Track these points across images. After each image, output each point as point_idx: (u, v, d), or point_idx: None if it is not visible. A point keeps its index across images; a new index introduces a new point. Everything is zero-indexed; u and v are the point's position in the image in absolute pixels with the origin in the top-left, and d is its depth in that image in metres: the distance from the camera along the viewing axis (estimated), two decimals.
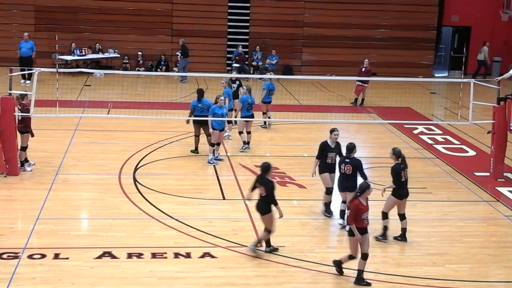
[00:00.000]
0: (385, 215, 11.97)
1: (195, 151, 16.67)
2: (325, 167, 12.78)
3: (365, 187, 10.25)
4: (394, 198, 11.84)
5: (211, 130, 15.89)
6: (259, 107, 19.57)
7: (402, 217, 11.90)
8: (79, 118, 19.22)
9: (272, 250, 11.19)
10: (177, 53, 28.04)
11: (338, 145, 12.84)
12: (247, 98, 17.29)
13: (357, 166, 12.12)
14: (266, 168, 11.09)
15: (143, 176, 14.88)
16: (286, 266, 10.77)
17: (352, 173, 12.11)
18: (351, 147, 12.17)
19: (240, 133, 17.40)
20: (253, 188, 11.19)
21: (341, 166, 12.22)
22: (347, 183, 12.11)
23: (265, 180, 11.01)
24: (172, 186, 14.38)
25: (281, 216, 11.02)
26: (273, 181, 11.11)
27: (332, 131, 12.83)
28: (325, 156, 12.73)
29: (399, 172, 11.68)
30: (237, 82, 19.19)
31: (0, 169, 14.39)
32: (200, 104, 16.36)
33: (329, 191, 12.92)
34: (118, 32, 29.32)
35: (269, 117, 19.68)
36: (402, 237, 11.95)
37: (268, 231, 11.11)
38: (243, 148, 17.19)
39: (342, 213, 12.56)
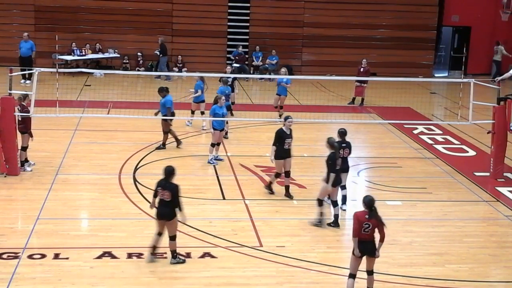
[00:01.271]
0: (320, 202, 12.48)
1: (164, 146, 16.94)
2: (282, 152, 13.70)
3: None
4: (328, 185, 12.35)
5: (211, 130, 15.89)
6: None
7: (334, 203, 12.56)
8: (79, 118, 19.22)
9: (179, 262, 10.64)
10: (155, 52, 27.99)
11: (291, 131, 13.86)
12: (224, 89, 17.57)
13: (350, 148, 13.27)
14: (170, 172, 10.52)
15: (143, 176, 14.87)
16: (286, 266, 10.78)
17: (348, 155, 13.24)
18: (345, 132, 13.21)
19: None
20: (156, 194, 10.60)
21: (339, 151, 12.86)
22: (344, 165, 12.95)
23: (170, 185, 10.46)
24: None
25: (184, 221, 10.81)
26: (178, 185, 10.54)
27: (286, 119, 13.98)
28: (282, 143, 13.67)
29: (334, 161, 12.22)
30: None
31: (0, 169, 14.40)
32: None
33: (278, 175, 13.96)
34: (118, 32, 29.31)
35: (280, 115, 20.16)
36: (335, 224, 12.47)
37: (173, 237, 10.60)
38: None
39: (344, 199, 13.38)
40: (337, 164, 12.25)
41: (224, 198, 13.89)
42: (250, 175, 15.23)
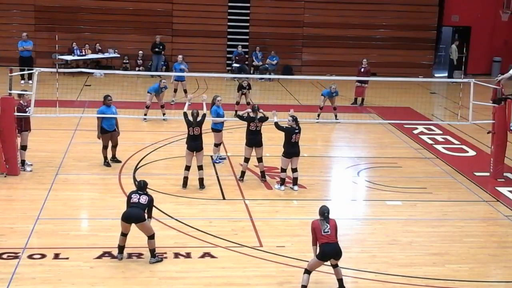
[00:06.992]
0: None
1: (108, 163, 15.56)
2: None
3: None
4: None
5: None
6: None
7: (259, 160, 14.83)
8: (79, 118, 19.21)
9: (158, 260, 10.68)
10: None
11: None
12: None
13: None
14: (146, 184, 10.89)
15: (143, 176, 14.78)
16: (286, 266, 10.78)
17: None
18: (296, 118, 14.28)
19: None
20: (130, 199, 10.83)
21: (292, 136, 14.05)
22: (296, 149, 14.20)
23: (147, 194, 10.77)
24: (172, 186, 14.38)
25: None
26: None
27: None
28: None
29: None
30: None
31: (0, 169, 14.39)
32: (109, 112, 15.40)
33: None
34: (118, 32, 29.32)
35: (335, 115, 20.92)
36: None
37: (152, 236, 10.65)
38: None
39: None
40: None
41: (224, 198, 13.89)
42: (250, 175, 15.22)
